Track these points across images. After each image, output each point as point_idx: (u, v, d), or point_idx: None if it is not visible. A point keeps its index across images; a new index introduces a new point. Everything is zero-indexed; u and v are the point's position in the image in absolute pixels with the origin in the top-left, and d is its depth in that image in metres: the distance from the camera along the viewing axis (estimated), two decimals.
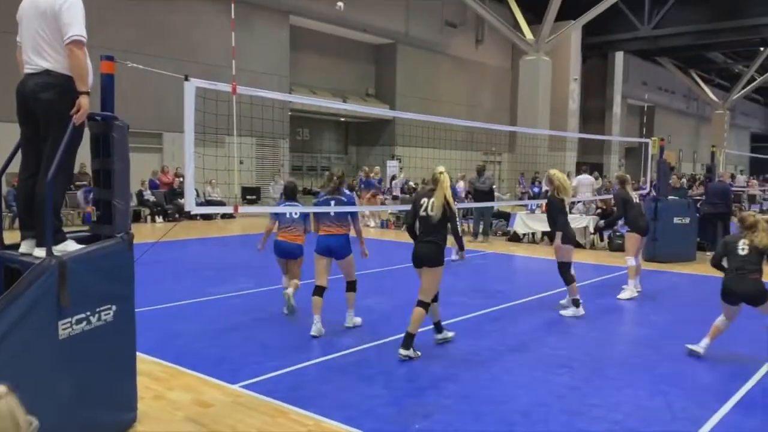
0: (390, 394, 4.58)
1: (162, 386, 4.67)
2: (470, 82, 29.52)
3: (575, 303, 7.12)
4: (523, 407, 4.39)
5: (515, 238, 14.34)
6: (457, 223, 5.96)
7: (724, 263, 5.60)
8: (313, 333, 6.03)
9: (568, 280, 7.17)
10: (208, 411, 4.24)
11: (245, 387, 4.66)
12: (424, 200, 5.60)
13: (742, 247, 5.43)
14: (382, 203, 17.83)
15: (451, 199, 5.51)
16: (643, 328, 6.89)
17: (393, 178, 20.88)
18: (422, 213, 5.60)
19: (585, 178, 17.14)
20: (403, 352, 5.37)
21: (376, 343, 5.86)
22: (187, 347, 5.66)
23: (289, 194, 7.17)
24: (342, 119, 26.95)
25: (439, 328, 5.99)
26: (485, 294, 8.23)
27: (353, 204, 6.50)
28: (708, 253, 12.08)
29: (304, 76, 23.33)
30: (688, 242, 11.57)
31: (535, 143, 26.12)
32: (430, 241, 5.55)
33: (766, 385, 4.96)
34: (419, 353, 5.45)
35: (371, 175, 18.48)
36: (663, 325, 6.92)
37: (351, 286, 6.45)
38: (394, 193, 19.60)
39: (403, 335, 5.45)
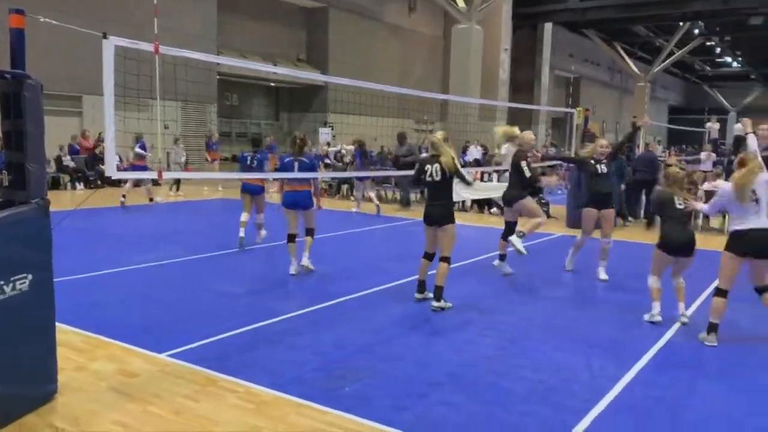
0: (319, 360, 4.60)
1: (84, 357, 4.52)
2: (403, 50, 29.42)
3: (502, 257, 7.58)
4: (452, 368, 4.51)
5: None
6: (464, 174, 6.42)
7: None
8: (291, 272, 7.20)
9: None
10: (134, 381, 4.14)
11: (172, 356, 4.57)
12: (428, 167, 6.13)
13: (679, 202, 5.77)
14: None
15: (457, 162, 6.13)
16: (569, 291, 7.17)
17: (328, 145, 20.67)
18: (428, 179, 6.13)
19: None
20: (434, 304, 5.97)
21: (305, 310, 5.86)
22: (110, 317, 5.49)
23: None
24: (273, 84, 26.38)
25: (422, 287, 6.34)
26: (415, 260, 8.29)
27: (315, 165, 7.63)
28: (628, 222, 12.67)
29: (233, 40, 22.60)
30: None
31: (466, 112, 26.42)
32: (439, 204, 6.15)
33: (677, 343, 5.27)
34: (450, 303, 6.02)
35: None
36: (586, 289, 7.22)
37: (310, 232, 7.53)
38: (326, 161, 19.44)
39: (335, 301, 5.48)
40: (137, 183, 14.23)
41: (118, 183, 16.59)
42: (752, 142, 6.32)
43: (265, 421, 3.62)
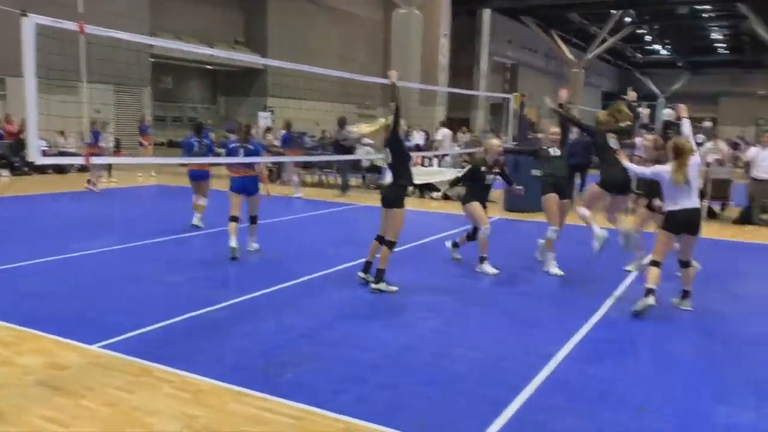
0: (260, 347, 4.55)
1: (10, 351, 4.32)
2: (344, 34, 29.20)
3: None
4: (392, 351, 4.54)
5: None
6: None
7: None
8: (231, 244, 7.28)
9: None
10: (63, 374, 4.00)
11: (105, 347, 4.42)
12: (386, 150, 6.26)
13: (613, 142, 6.30)
14: None
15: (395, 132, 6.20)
16: (507, 273, 7.28)
17: (268, 130, 20.31)
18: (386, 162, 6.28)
19: (447, 131, 17.81)
20: (373, 285, 6.01)
21: (246, 297, 5.78)
22: (38, 309, 5.26)
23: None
24: (210, 67, 25.76)
25: (367, 268, 6.33)
26: (356, 245, 8.31)
27: (259, 151, 7.93)
28: None
29: (168, 21, 21.89)
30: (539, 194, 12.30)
31: (408, 97, 26.49)
32: (390, 186, 6.28)
33: (610, 320, 5.47)
34: (394, 288, 6.02)
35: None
36: (524, 270, 7.38)
37: (254, 219, 7.71)
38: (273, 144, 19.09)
39: (276, 287, 5.42)
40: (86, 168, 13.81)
41: (46, 170, 15.92)
42: (686, 127, 6.58)
43: (201, 410, 3.56)
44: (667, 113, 25.90)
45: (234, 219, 7.48)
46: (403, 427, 3.41)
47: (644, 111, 22.89)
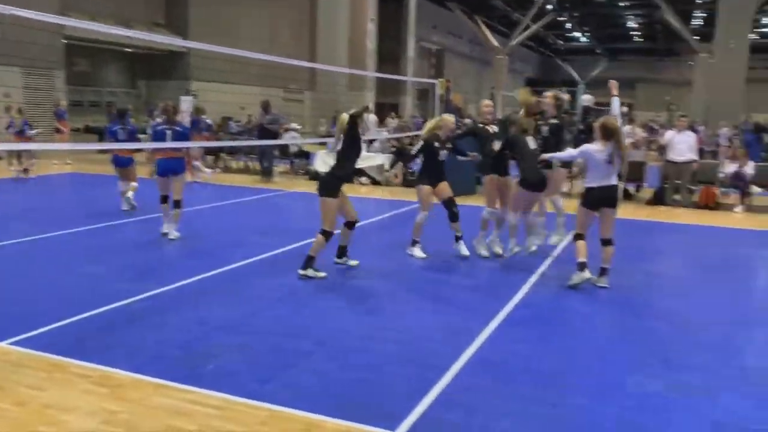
0: (181, 338, 4.43)
1: None
2: (269, 17, 28.57)
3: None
4: (322, 336, 4.53)
5: (316, 177, 14.46)
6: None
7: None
8: (163, 231, 7.61)
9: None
10: None
11: (15, 344, 4.19)
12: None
13: (531, 142, 6.50)
14: None
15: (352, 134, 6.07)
16: (432, 256, 7.37)
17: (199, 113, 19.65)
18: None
19: (372, 116, 17.82)
20: (300, 271, 5.99)
21: (169, 287, 5.61)
22: None
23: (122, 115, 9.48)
24: (128, 50, 24.67)
25: (342, 252, 6.48)
26: (284, 232, 8.24)
27: (187, 133, 7.99)
28: None
29: (82, 1, 20.80)
30: (470, 177, 12.52)
31: (335, 81, 26.32)
32: (325, 172, 6.38)
33: (532, 299, 5.64)
34: (323, 273, 6.00)
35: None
36: (448, 253, 7.47)
37: (177, 204, 7.65)
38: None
39: (200, 276, 5.27)
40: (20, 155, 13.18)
41: None
42: (615, 105, 6.87)
43: (120, 404, 3.44)
44: (586, 99, 26.84)
45: (165, 199, 7.71)
46: (330, 411, 3.41)
47: (565, 97, 23.65)
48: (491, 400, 3.64)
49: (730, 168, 11.57)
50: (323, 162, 14.27)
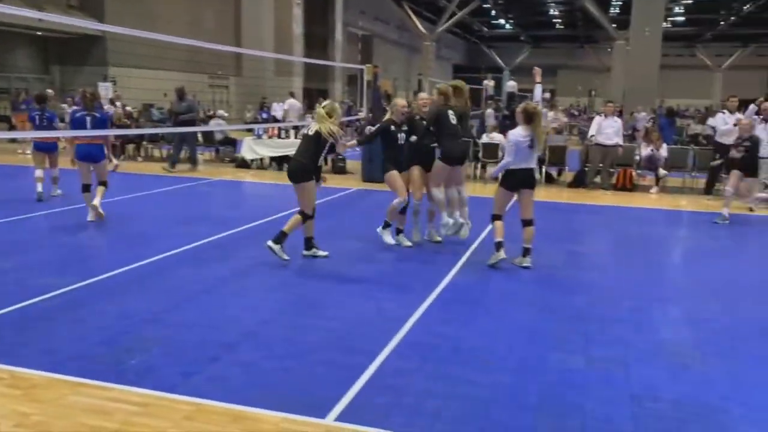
0: (103, 333, 4.26)
1: None
2: (192, 0, 27.68)
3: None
4: (247, 327, 4.45)
5: (243, 164, 14.20)
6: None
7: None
8: (89, 219, 7.64)
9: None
10: None
11: None
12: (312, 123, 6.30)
13: (453, 117, 6.51)
14: None
15: (330, 131, 6.03)
16: (362, 242, 7.38)
17: (113, 102, 18.86)
18: (304, 131, 6.38)
19: (294, 102, 17.71)
20: (271, 244, 6.02)
21: (88, 281, 5.38)
22: None
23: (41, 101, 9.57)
24: (39, 33, 23.36)
25: (309, 244, 6.40)
26: (210, 221, 8.05)
27: (106, 119, 8.16)
28: None
29: None
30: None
31: (262, 66, 25.83)
32: (296, 159, 6.19)
33: (459, 281, 5.74)
34: (287, 257, 6.06)
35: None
36: (376, 239, 7.50)
37: (104, 184, 7.86)
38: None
39: (122, 269, 5.07)
40: None
41: None
42: (538, 91, 7.11)
43: (34, 406, 3.27)
44: (510, 85, 27.44)
45: (86, 188, 7.82)
46: (258, 403, 3.36)
47: (489, 83, 24.06)
48: (419, 381, 3.69)
49: (645, 151, 12.10)
50: (250, 149, 14.03)
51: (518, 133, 6.04)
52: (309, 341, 4.24)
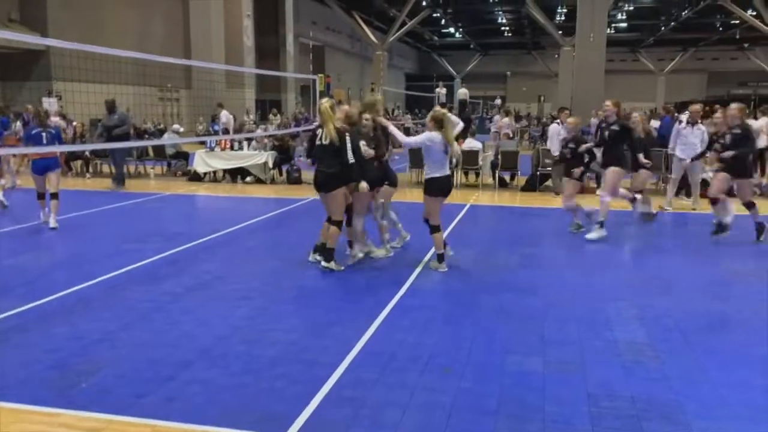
0: (51, 357, 4.11)
1: None
2: (138, 11, 27.16)
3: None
4: (203, 344, 4.36)
5: (196, 177, 13.97)
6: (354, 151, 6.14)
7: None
8: (42, 219, 8.48)
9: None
10: None
11: None
12: (319, 131, 6.15)
13: (364, 146, 6.28)
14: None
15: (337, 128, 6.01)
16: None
17: (64, 116, 18.28)
18: (317, 142, 6.15)
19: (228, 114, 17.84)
20: (324, 264, 6.20)
21: (34, 303, 5.18)
22: None
23: None
24: None
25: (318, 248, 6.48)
26: (163, 237, 7.88)
27: (60, 134, 8.88)
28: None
29: None
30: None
31: (213, 78, 25.51)
32: (324, 170, 6.10)
33: (417, 289, 5.75)
34: (342, 267, 6.25)
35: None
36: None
37: (55, 196, 8.32)
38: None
39: (70, 290, 4.89)
40: None
41: None
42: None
43: None
44: (462, 92, 27.91)
45: (42, 196, 8.49)
46: (216, 420, 3.29)
47: (441, 91, 24.36)
48: (378, 391, 3.67)
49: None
50: (203, 162, 13.81)
51: (434, 138, 6.13)
52: (266, 356, 4.18)
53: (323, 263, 6.26)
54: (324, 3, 38.20)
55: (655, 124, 16.36)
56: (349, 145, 6.04)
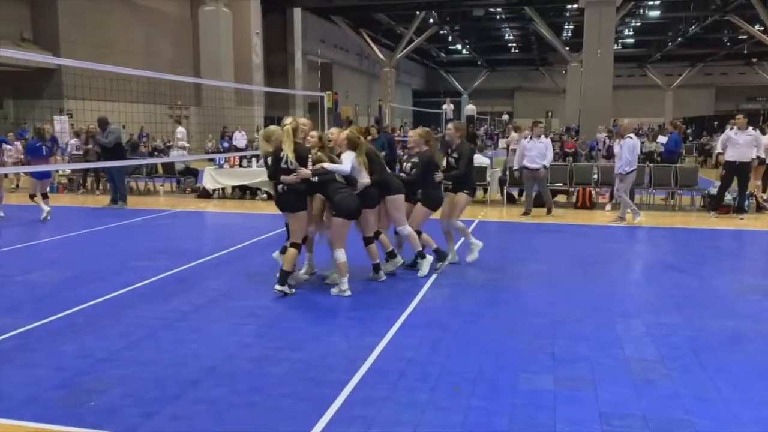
0: (59, 375, 4.10)
1: None
2: (148, 31, 27.51)
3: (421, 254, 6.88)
4: (210, 362, 4.34)
5: (205, 194, 14.03)
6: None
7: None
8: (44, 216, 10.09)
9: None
10: None
11: None
12: (283, 153, 5.87)
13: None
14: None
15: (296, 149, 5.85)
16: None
17: (78, 135, 18.40)
18: (283, 165, 5.89)
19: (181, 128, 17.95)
20: (278, 287, 5.92)
21: (42, 321, 5.19)
22: None
23: None
24: None
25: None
26: (171, 254, 7.89)
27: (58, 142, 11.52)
28: None
29: None
30: None
31: (222, 96, 25.72)
32: (288, 190, 5.90)
33: (424, 307, 5.72)
34: (293, 290, 6.03)
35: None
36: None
37: (46, 195, 10.71)
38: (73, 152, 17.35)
39: (78, 308, 4.90)
40: None
41: None
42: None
43: None
44: (469, 109, 27.99)
45: (33, 197, 10.45)
46: None
47: (449, 107, 24.43)
48: (388, 410, 3.63)
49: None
50: (212, 179, 13.88)
51: (352, 159, 6.10)
52: (274, 374, 4.15)
53: (276, 286, 5.96)
54: (332, 21, 38.55)
55: (662, 139, 16.35)
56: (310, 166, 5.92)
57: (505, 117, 44.22)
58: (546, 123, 45.96)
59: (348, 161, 6.06)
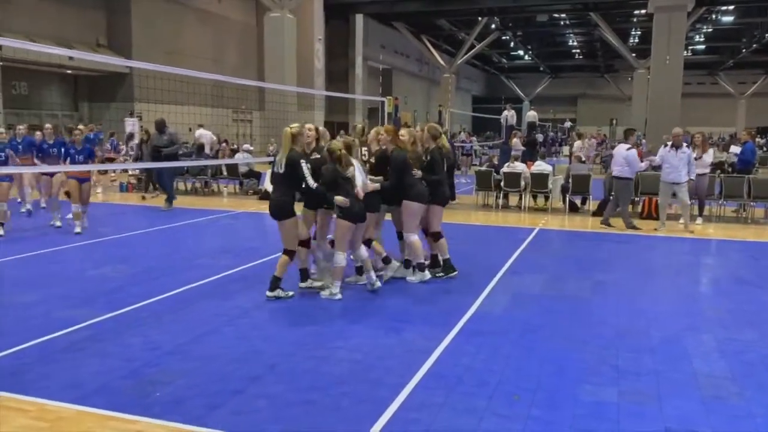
0: (127, 366, 4.26)
1: None
2: (215, 37, 28.36)
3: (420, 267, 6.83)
4: (272, 359, 4.42)
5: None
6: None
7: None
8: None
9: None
10: None
11: None
12: (277, 157, 5.89)
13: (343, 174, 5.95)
14: None
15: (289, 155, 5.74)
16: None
17: (130, 137, 19.20)
18: (274, 169, 5.87)
19: (205, 132, 17.94)
20: (269, 293, 5.88)
21: (111, 314, 5.40)
22: None
23: None
24: (69, 71, 24.03)
25: (305, 275, 6.32)
26: (234, 253, 8.09)
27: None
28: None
29: (19, 21, 20.20)
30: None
31: (284, 100, 26.19)
32: (275, 197, 5.90)
33: (483, 313, 5.66)
34: (291, 293, 5.99)
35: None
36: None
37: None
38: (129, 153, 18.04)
39: (145, 302, 5.08)
40: None
41: None
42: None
43: None
44: (531, 115, 27.58)
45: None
46: None
47: (510, 113, 24.14)
48: (445, 415, 3.61)
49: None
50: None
51: (361, 170, 6.08)
52: (333, 373, 4.20)
53: (267, 292, 5.92)
54: (393, 27, 38.73)
55: (735, 149, 15.70)
56: (306, 172, 5.72)
57: (568, 124, 43.35)
58: (610, 131, 44.87)
59: (360, 175, 6.06)
